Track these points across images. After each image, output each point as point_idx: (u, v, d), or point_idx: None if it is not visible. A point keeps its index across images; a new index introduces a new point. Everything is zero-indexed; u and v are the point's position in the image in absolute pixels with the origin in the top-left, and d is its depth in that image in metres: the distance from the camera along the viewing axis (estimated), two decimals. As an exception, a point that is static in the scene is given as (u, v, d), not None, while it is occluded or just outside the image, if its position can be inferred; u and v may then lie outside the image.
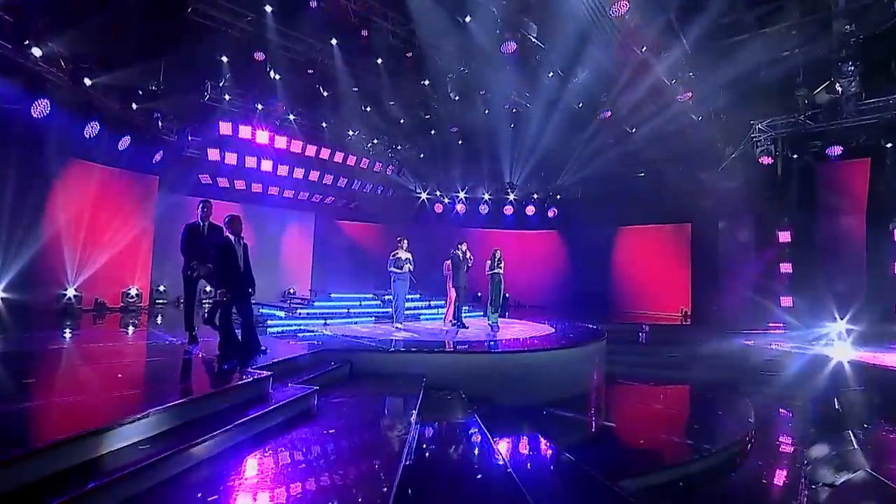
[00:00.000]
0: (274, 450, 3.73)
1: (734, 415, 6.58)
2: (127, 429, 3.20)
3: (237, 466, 3.40)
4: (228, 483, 3.11)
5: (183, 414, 3.76)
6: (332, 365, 6.22)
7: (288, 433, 4.09)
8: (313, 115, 13.96)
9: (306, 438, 4.01)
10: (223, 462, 3.41)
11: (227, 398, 4.21)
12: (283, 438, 3.95)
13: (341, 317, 10.42)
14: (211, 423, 3.76)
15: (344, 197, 16.92)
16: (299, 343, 7.18)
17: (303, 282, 16.42)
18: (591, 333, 9.55)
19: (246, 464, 3.47)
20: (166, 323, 9.84)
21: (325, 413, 4.76)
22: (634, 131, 14.45)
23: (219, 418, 3.88)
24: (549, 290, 18.28)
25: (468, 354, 6.87)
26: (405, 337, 8.33)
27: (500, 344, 7.94)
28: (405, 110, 14.11)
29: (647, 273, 16.69)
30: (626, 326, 12.85)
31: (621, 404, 7.54)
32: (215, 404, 4.07)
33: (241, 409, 4.17)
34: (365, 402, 5.30)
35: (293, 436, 4.04)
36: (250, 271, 6.00)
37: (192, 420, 3.79)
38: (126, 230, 11.00)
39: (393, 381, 6.16)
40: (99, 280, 10.73)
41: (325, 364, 6.20)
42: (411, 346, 7.12)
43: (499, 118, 14.77)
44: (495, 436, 4.97)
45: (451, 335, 8.69)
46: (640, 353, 10.77)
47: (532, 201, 18.20)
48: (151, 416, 3.38)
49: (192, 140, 12.05)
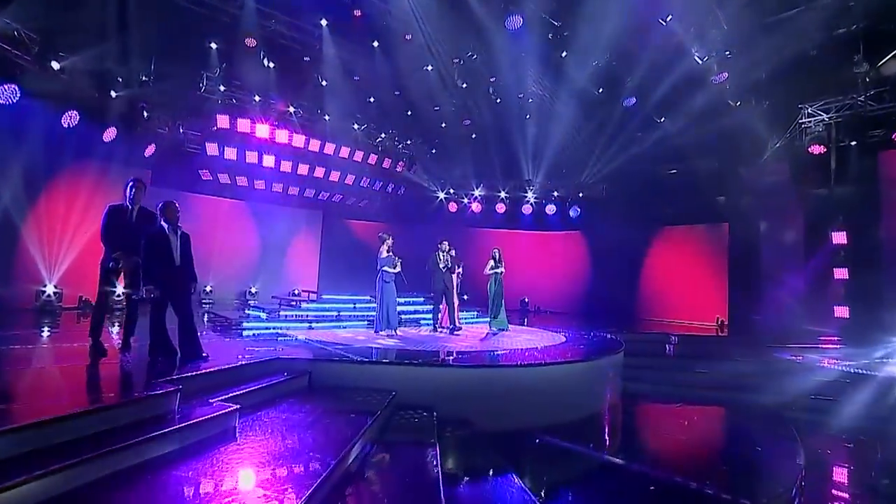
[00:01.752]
0: (148, 486, 2.84)
1: (779, 452, 5.30)
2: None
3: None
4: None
5: (32, 439, 2.92)
6: (284, 376, 5.32)
7: (182, 463, 3.20)
8: (314, 108, 13.26)
9: (198, 471, 3.10)
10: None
11: (106, 417, 3.35)
12: (168, 471, 3.06)
13: (330, 320, 9.57)
14: (79, 448, 2.93)
15: (353, 195, 16.18)
16: (258, 349, 6.32)
17: (310, 282, 15.74)
18: (605, 345, 8.33)
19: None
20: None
21: (248, 436, 3.85)
22: (663, 121, 13.08)
23: (89, 444, 3.04)
24: (570, 295, 16.96)
25: (447, 368, 5.82)
26: (387, 345, 7.37)
27: (489, 356, 6.86)
28: (411, 101, 13.22)
29: (678, 278, 15.16)
30: (652, 336, 11.46)
31: (636, 433, 6.32)
32: (85, 426, 3.21)
33: (126, 431, 3.32)
34: (309, 422, 4.35)
35: (184, 468, 3.13)
36: (191, 265, 5.19)
37: (47, 447, 2.95)
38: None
39: (355, 397, 5.20)
40: (84, 277, 10.25)
41: (277, 374, 5.31)
42: (382, 357, 6.13)
43: (513, 109, 13.71)
44: (461, 474, 3.94)
45: (438, 344, 7.68)
46: (666, 367, 9.43)
47: (552, 200, 16.95)
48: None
49: (184, 132, 11.52)
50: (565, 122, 13.80)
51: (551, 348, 7.59)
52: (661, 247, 15.74)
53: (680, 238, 15.41)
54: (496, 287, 10.11)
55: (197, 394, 4.21)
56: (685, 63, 10.29)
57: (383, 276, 8.71)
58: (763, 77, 10.68)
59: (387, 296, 8.69)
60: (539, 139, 14.90)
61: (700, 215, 14.61)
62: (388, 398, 5.19)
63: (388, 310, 8.61)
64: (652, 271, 15.82)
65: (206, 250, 13.68)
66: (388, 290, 8.74)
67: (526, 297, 17.18)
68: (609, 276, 16.26)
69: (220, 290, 13.88)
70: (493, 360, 6.62)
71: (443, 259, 9.29)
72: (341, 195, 15.93)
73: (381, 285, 8.70)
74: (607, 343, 8.66)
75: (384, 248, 8.81)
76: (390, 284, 8.78)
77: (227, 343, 6.73)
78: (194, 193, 13.53)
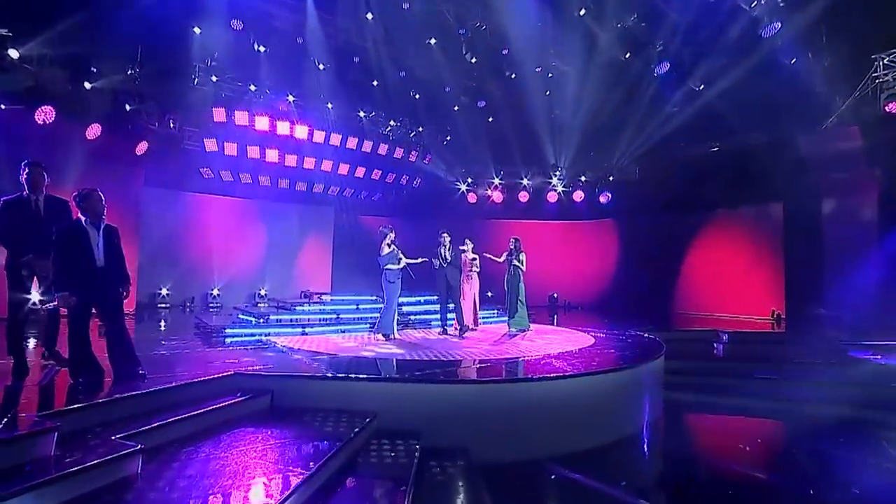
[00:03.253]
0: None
1: (876, 483, 3.96)
2: None
3: None
4: None
5: None
6: (237, 397, 4.36)
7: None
8: (314, 96, 12.39)
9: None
10: None
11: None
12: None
13: (328, 324, 8.64)
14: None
15: (364, 189, 15.29)
16: (222, 360, 5.41)
17: (322, 282, 14.97)
18: (641, 348, 7.04)
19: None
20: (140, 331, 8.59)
21: (154, 487, 2.89)
22: (702, 88, 11.51)
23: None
24: (601, 289, 15.53)
25: (436, 385, 4.72)
26: (380, 353, 6.35)
27: (493, 367, 5.70)
28: (418, 82, 12.16)
29: (724, 266, 13.51)
30: (697, 334, 10.01)
31: (683, 463, 5.03)
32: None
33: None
34: (249, 461, 3.36)
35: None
36: (121, 266, 4.29)
37: None
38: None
39: (325, 422, 4.19)
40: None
41: (228, 395, 4.36)
42: (358, 372, 5.09)
43: (531, 85, 12.42)
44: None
45: (439, 350, 6.59)
46: (716, 372, 8.00)
47: (580, 185, 15.54)
48: None
49: (180, 128, 10.87)
50: (590, 97, 12.41)
51: (576, 354, 6.37)
52: (703, 232, 14.11)
53: (726, 222, 13.75)
54: (513, 281, 8.96)
55: (98, 429, 3.29)
56: (728, 14, 8.78)
57: (387, 275, 7.75)
58: (825, 26, 9.01)
59: (391, 297, 7.73)
60: (562, 119, 13.57)
61: (748, 195, 12.93)
62: (361, 423, 4.16)
63: (384, 313, 7.64)
64: (694, 260, 14.21)
65: (211, 252, 13.13)
66: (393, 290, 7.77)
67: (555, 292, 15.86)
68: (645, 267, 14.77)
69: (227, 293, 13.25)
70: (495, 372, 5.47)
71: (444, 253, 8.23)
72: (352, 189, 15.06)
73: (386, 286, 7.75)
74: (644, 345, 7.35)
75: (385, 243, 7.84)
76: (395, 284, 7.80)
77: (192, 355, 5.86)
78: (196, 193, 12.96)
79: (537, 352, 6.48)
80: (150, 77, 9.75)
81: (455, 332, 8.44)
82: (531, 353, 6.43)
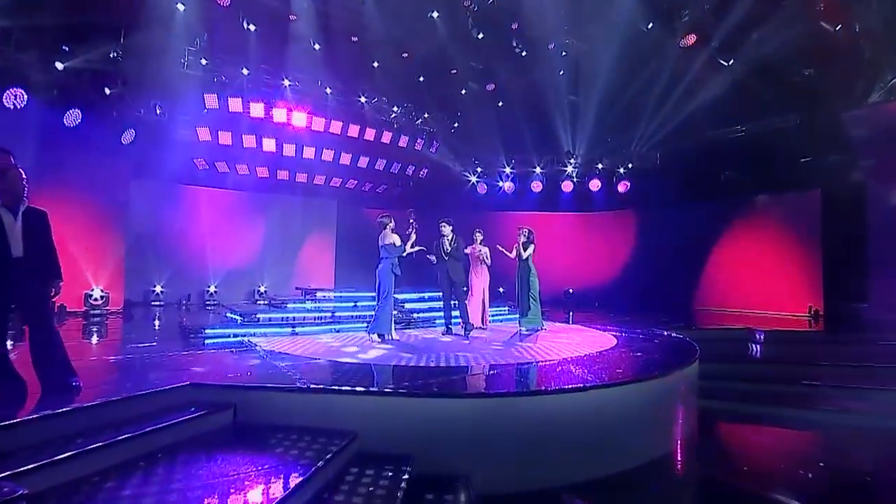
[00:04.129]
0: None
1: None
2: None
3: None
4: None
5: None
6: (192, 412, 3.65)
7: None
8: (312, 80, 11.66)
9: None
10: None
11: None
12: None
13: (322, 323, 7.94)
14: None
15: (368, 180, 14.56)
16: (187, 367, 4.71)
17: (325, 278, 14.32)
18: (672, 349, 6.20)
19: None
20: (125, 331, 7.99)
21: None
22: (731, 63, 10.51)
23: None
24: (620, 284, 14.59)
25: (429, 399, 3.93)
26: (366, 360, 5.62)
27: (501, 375, 4.90)
28: (422, 63, 11.36)
29: (754, 259, 12.50)
30: (728, 333, 9.08)
31: (723, 485, 4.19)
32: None
33: None
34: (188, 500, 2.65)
35: None
36: (48, 258, 3.60)
37: None
38: (83, 223, 9.32)
39: (295, 444, 3.46)
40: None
41: (179, 412, 3.65)
42: (341, 381, 4.34)
43: (544, 65, 11.54)
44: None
45: (438, 354, 5.83)
46: (754, 376, 7.09)
47: (597, 174, 14.58)
48: None
49: (166, 114, 10.22)
50: (608, 77, 11.49)
51: (596, 358, 5.55)
52: (731, 222, 13.08)
53: (756, 211, 12.71)
54: (525, 275, 8.17)
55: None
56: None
57: (383, 267, 7.03)
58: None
59: (387, 292, 7.01)
60: (577, 101, 12.65)
61: (781, 181, 11.89)
62: (338, 446, 3.42)
63: (382, 310, 6.90)
64: (720, 252, 13.20)
65: (208, 248, 12.52)
66: (390, 284, 7.06)
67: (570, 287, 14.98)
68: (667, 260, 13.79)
69: (226, 290, 12.65)
70: (503, 382, 4.67)
71: (445, 245, 7.48)
72: (355, 181, 14.34)
73: (383, 278, 7.05)
74: (674, 346, 6.50)
75: (387, 232, 7.11)
76: (391, 279, 7.09)
77: (155, 361, 5.17)
78: (190, 185, 12.36)
79: (552, 355, 5.68)
80: (134, 59, 9.10)
81: (461, 331, 7.68)
82: (545, 356, 5.63)
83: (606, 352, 5.99)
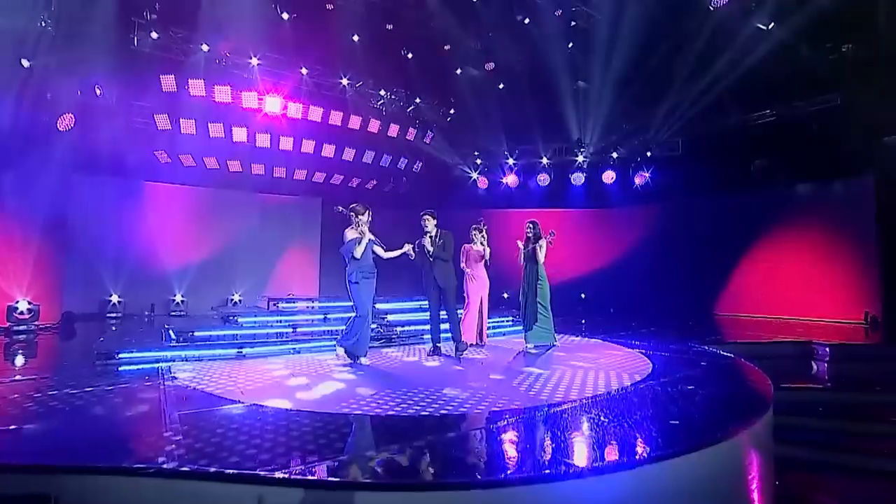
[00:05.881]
0: None
1: None
2: None
3: None
4: None
5: None
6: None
7: None
8: (284, 60, 10.21)
9: None
10: None
11: None
12: None
13: (281, 341, 6.44)
14: None
15: (357, 175, 13.09)
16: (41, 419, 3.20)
17: (309, 284, 12.87)
18: (736, 381, 4.64)
19: None
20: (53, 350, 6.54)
21: None
22: (772, 28, 8.95)
23: None
24: (639, 288, 12.97)
25: (374, 493, 2.40)
26: (316, 398, 4.11)
27: (500, 433, 3.31)
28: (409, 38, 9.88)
29: (796, 256, 10.89)
30: (779, 348, 7.45)
31: None
32: None
33: None
34: None
35: None
36: None
37: None
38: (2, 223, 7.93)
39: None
40: None
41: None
42: (236, 454, 2.77)
43: (550, 37, 10.01)
44: None
45: (413, 389, 4.31)
46: (828, 407, 5.48)
47: (611, 164, 13.00)
48: None
49: (107, 97, 8.82)
50: (624, 50, 9.94)
51: (631, 396, 3.99)
52: (766, 216, 11.44)
53: (795, 202, 11.08)
54: (532, 280, 6.66)
55: None
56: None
57: (356, 271, 5.61)
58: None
59: (365, 299, 5.58)
60: (589, 81, 11.11)
61: (827, 168, 10.28)
62: None
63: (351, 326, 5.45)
64: (754, 250, 11.57)
65: (174, 252, 11.10)
66: (362, 292, 5.62)
67: (584, 292, 13.42)
68: (691, 261, 12.19)
69: (194, 299, 11.21)
70: (496, 451, 3.06)
71: (427, 243, 6.00)
72: (342, 175, 12.87)
73: (352, 288, 5.63)
74: (733, 374, 4.93)
75: (354, 228, 5.74)
76: (365, 283, 5.66)
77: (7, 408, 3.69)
78: (152, 182, 10.94)
79: (571, 392, 4.13)
80: (67, 28, 7.71)
81: (451, 351, 6.18)
82: (562, 393, 4.08)
83: (644, 385, 4.44)
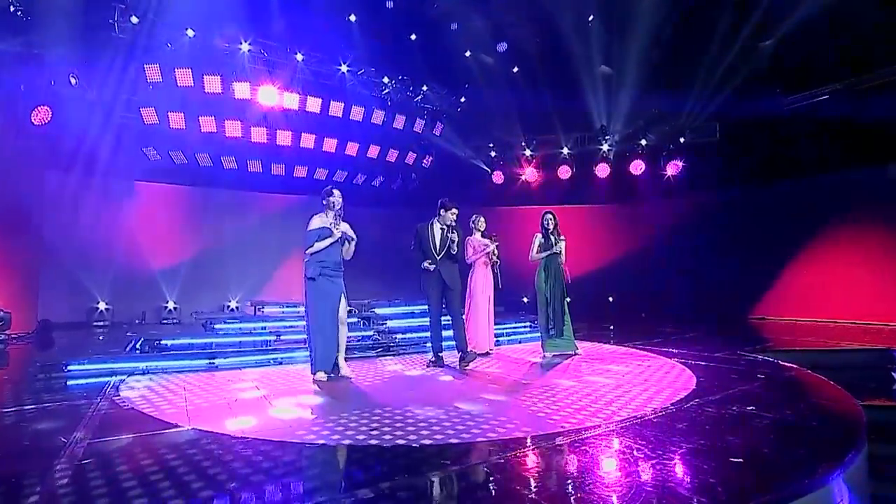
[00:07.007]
0: None
1: None
2: None
3: None
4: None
5: None
6: None
7: None
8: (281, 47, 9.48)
9: None
10: None
11: None
12: None
13: (254, 351, 5.57)
14: None
15: (361, 171, 12.26)
16: None
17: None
18: (805, 400, 3.53)
19: None
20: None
21: None
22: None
23: None
24: (677, 291, 11.70)
25: None
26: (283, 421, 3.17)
27: (510, 477, 2.31)
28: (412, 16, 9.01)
29: (852, 253, 9.54)
30: (848, 357, 6.23)
31: None
32: None
33: None
34: None
35: None
36: None
37: None
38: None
39: None
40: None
41: None
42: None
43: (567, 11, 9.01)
44: None
45: (404, 414, 3.33)
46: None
47: (639, 154, 11.82)
48: None
49: (86, 87, 8.21)
50: (651, 22, 8.86)
51: (677, 421, 2.92)
52: (811, 209, 10.09)
53: (849, 192, 9.71)
54: (550, 281, 5.68)
55: None
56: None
57: (315, 264, 4.71)
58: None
59: (322, 305, 4.68)
60: (613, 58, 10.04)
61: (881, 153, 8.96)
62: None
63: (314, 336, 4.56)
64: (803, 247, 10.23)
65: (165, 256, 10.44)
66: (324, 294, 4.72)
67: (611, 294, 12.28)
68: (733, 259, 10.89)
69: (188, 305, 10.51)
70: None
71: (434, 236, 5.12)
72: (345, 172, 12.05)
73: (308, 287, 4.73)
74: (801, 391, 3.81)
75: (321, 216, 4.89)
76: (324, 284, 4.74)
77: None
78: (141, 182, 10.32)
79: (600, 414, 3.09)
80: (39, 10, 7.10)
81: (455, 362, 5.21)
82: (589, 416, 3.05)
83: (689, 404, 3.38)
